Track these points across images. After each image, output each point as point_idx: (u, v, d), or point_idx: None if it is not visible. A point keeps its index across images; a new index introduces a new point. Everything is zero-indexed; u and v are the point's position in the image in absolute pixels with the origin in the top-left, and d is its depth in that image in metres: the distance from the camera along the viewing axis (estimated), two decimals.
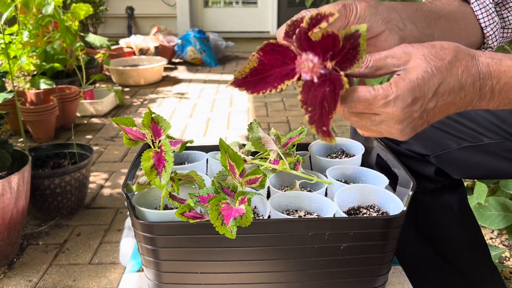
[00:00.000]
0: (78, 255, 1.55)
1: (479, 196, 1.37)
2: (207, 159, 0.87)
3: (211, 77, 4.01)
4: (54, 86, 2.59)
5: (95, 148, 2.41)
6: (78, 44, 2.82)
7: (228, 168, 0.67)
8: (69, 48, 2.86)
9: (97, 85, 3.51)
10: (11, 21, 2.98)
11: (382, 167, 0.83)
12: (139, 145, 0.70)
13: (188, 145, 0.75)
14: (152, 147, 0.67)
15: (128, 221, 1.36)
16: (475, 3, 0.67)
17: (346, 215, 0.66)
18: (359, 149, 0.87)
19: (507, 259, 1.53)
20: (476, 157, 0.79)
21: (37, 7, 2.58)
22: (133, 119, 0.69)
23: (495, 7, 0.70)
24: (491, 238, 1.63)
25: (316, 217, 0.70)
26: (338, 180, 0.78)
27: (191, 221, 0.62)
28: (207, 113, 3.03)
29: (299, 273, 0.67)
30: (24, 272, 1.46)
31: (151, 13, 5.39)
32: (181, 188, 0.70)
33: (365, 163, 0.86)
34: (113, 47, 3.99)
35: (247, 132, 0.78)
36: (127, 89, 3.59)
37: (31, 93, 2.52)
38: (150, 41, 4.22)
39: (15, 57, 2.54)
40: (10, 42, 2.52)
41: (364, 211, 0.72)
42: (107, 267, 1.48)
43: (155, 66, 3.72)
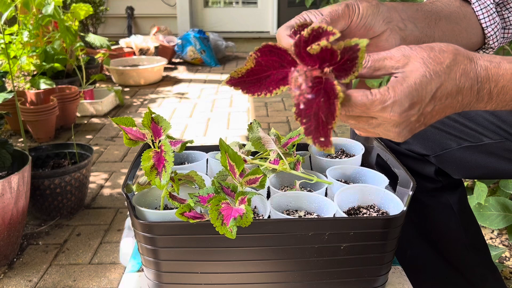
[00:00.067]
0: (78, 255, 1.55)
1: (479, 196, 1.37)
2: (207, 159, 0.87)
3: (211, 77, 4.01)
4: (54, 86, 2.59)
5: (95, 148, 2.41)
6: (78, 44, 2.82)
7: (228, 168, 0.67)
8: (69, 48, 2.86)
9: (97, 85, 3.51)
10: (11, 21, 2.98)
11: (382, 167, 0.83)
12: (139, 145, 0.70)
13: (188, 145, 0.75)
14: (152, 147, 0.67)
15: (128, 221, 1.36)
16: (476, 3, 0.67)
17: (346, 215, 0.66)
18: (359, 149, 0.87)
19: (507, 259, 1.53)
20: (476, 157, 0.79)
21: (37, 7, 2.58)
22: (133, 119, 0.69)
23: (496, 7, 0.70)
24: (491, 238, 1.63)
25: (316, 217, 0.70)
26: (338, 180, 0.78)
27: (191, 221, 0.62)
28: (207, 113, 3.03)
29: (299, 273, 0.67)
30: (24, 272, 1.46)
31: (151, 13, 5.40)
32: (181, 188, 0.70)
33: (365, 163, 0.86)
34: (113, 47, 3.99)
35: (247, 132, 0.78)
36: (127, 89, 3.59)
37: (31, 93, 2.53)
38: (150, 41, 4.22)
39: (15, 57, 2.54)
40: (10, 42, 2.52)
41: (364, 211, 0.72)
42: (107, 267, 1.48)
43: (155, 66, 3.72)
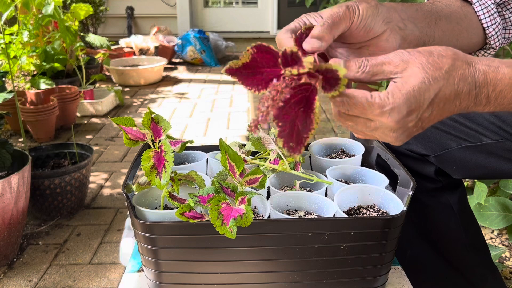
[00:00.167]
0: (78, 255, 1.55)
1: (479, 196, 1.37)
2: (207, 159, 0.87)
3: (211, 77, 4.01)
4: (54, 86, 2.59)
5: (95, 148, 2.41)
6: (78, 44, 2.82)
7: (228, 168, 0.67)
8: (69, 48, 2.86)
9: (97, 85, 3.51)
10: (11, 21, 2.98)
11: (382, 167, 0.83)
12: (139, 145, 0.70)
13: (188, 145, 0.75)
14: (152, 147, 0.67)
15: (128, 221, 1.36)
16: (477, 3, 0.67)
17: (346, 215, 0.66)
18: (359, 149, 0.87)
19: (507, 259, 1.53)
20: (476, 157, 0.79)
21: (37, 7, 2.58)
22: (133, 119, 0.69)
23: (497, 7, 0.70)
24: (491, 238, 1.63)
25: (316, 217, 0.70)
26: (338, 180, 0.78)
27: (191, 221, 0.62)
28: (207, 113, 3.02)
29: (299, 273, 0.67)
30: (24, 272, 1.46)
31: (151, 13, 5.40)
32: (181, 188, 0.70)
33: (365, 163, 0.86)
34: (113, 47, 3.99)
35: (247, 132, 0.78)
36: (127, 89, 3.59)
37: (31, 93, 2.53)
38: (150, 41, 4.22)
39: (15, 57, 2.54)
40: (10, 42, 2.52)
41: (364, 211, 0.72)
42: (107, 267, 1.48)
43: (155, 66, 3.72)
